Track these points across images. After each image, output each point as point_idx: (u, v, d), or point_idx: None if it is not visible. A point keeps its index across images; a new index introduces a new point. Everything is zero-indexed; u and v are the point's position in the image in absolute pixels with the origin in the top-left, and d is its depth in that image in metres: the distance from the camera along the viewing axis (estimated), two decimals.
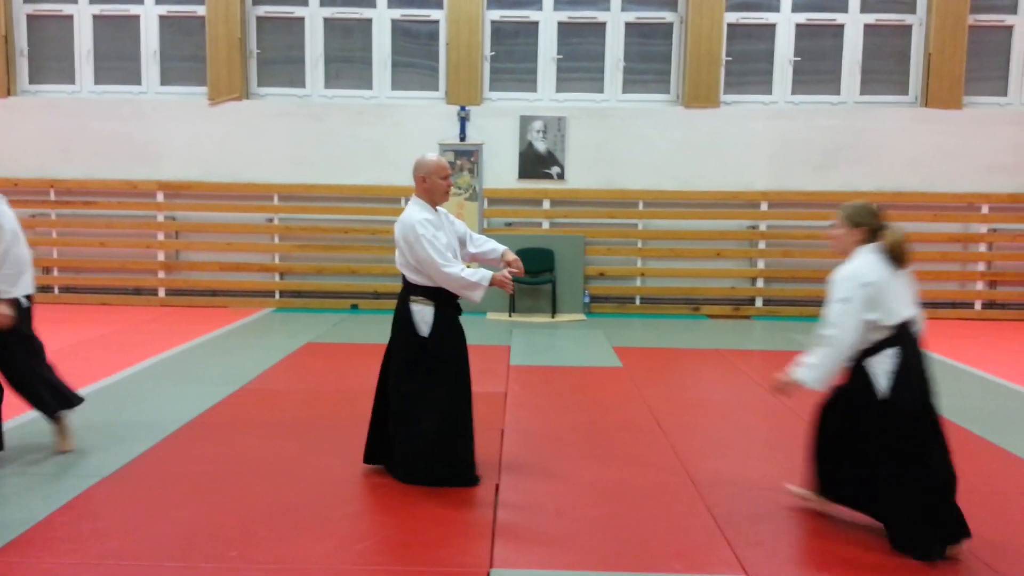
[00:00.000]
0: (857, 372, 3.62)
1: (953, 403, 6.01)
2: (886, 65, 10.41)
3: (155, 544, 3.47)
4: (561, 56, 10.41)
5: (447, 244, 4.22)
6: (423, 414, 4.17)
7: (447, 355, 4.23)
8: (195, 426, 5.19)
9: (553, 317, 9.80)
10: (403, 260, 4.23)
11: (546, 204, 10.30)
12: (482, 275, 4.15)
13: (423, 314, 4.20)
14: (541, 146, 10.25)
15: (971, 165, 10.13)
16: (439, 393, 4.19)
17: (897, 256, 3.56)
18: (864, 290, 3.49)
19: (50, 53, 10.53)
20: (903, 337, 3.57)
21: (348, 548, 3.49)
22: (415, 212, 4.20)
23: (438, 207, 4.34)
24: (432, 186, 4.25)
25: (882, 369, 3.55)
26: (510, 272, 4.29)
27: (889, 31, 10.34)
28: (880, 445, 3.53)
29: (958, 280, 10.32)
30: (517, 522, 3.78)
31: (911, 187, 10.18)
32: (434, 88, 10.47)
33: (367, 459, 4.42)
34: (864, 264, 3.56)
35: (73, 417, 5.20)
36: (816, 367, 3.61)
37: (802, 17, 10.28)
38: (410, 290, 4.24)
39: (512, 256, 4.42)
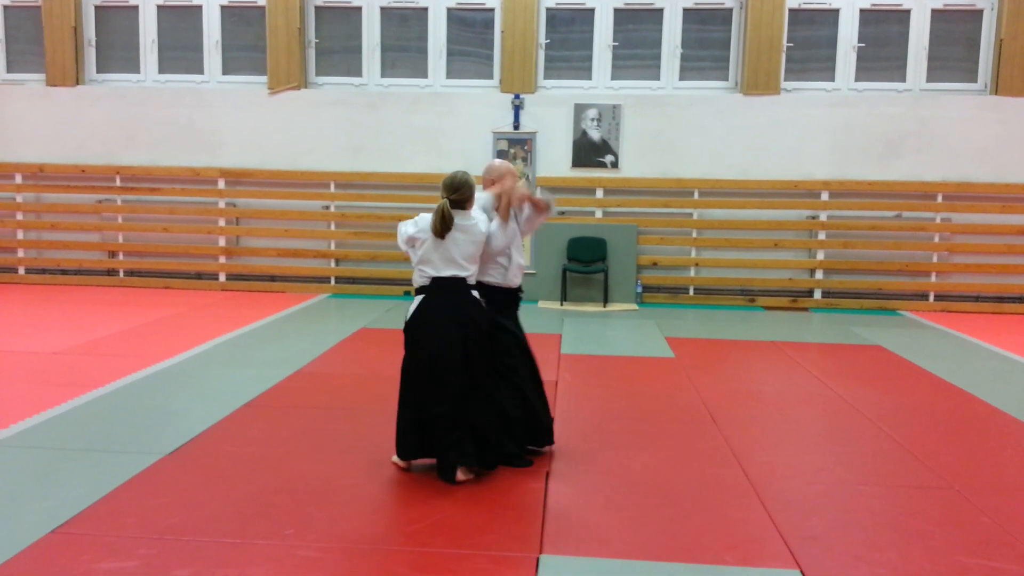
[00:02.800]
0: None
1: (1020, 400, 5.85)
2: (954, 51, 10.08)
3: (213, 521, 3.57)
4: (617, 43, 10.32)
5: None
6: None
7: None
8: (252, 407, 5.31)
9: (605, 306, 9.75)
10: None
11: (599, 193, 10.24)
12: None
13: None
14: (595, 134, 10.19)
15: None
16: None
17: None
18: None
19: (116, 43, 10.82)
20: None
21: (400, 530, 3.54)
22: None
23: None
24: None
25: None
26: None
27: (958, 16, 10.01)
28: None
29: None
30: (567, 510, 3.79)
31: (978, 178, 9.86)
32: (489, 76, 10.48)
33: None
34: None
35: (136, 398, 5.38)
36: None
37: (867, 2, 10.01)
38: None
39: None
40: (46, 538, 3.37)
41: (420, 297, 4.17)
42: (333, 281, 10.58)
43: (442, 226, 4.04)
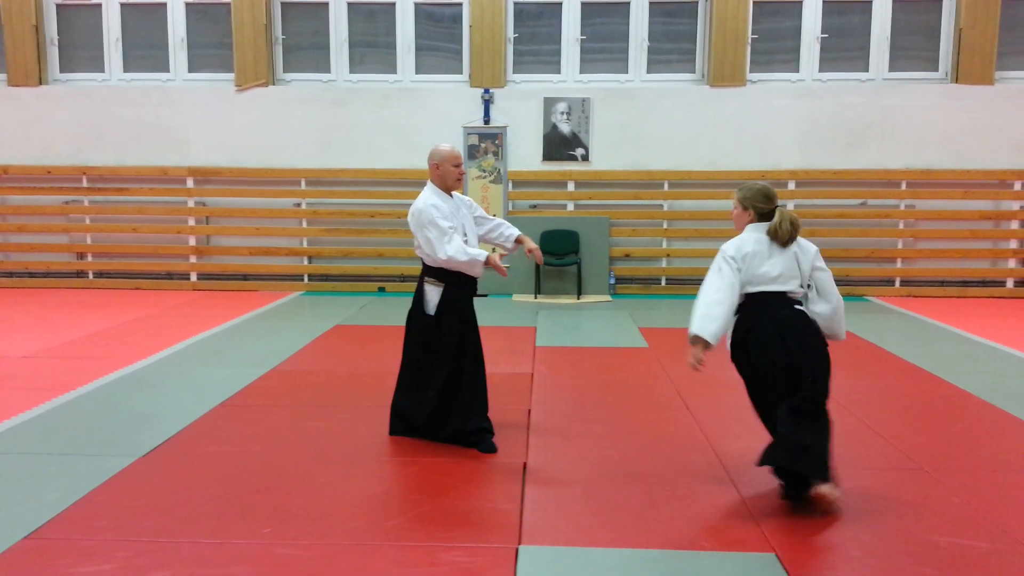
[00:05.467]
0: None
1: (986, 382, 5.98)
2: (915, 41, 10.24)
3: (190, 521, 3.56)
4: (585, 37, 10.35)
5: (456, 228, 4.45)
6: (430, 383, 4.54)
7: (450, 333, 4.51)
8: (227, 407, 5.28)
9: (579, 298, 9.81)
10: (416, 243, 4.55)
11: (571, 186, 10.28)
12: (477, 253, 4.40)
13: (432, 294, 4.54)
14: (565, 128, 10.22)
15: (1003, 141, 9.96)
16: (441, 366, 4.51)
17: (777, 234, 3.84)
18: (735, 261, 3.79)
19: (80, 42, 10.66)
20: (750, 306, 3.82)
21: (379, 525, 3.55)
22: (426, 196, 4.51)
23: (453, 193, 4.64)
24: (445, 173, 4.56)
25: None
26: (530, 255, 4.67)
27: (919, 6, 10.16)
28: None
29: (989, 258, 10.18)
30: (545, 500, 3.82)
31: (941, 165, 10.03)
32: (458, 71, 10.47)
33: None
34: (744, 239, 3.87)
35: (109, 400, 5.32)
36: (709, 322, 3.73)
37: None
38: (424, 271, 4.59)
39: (532, 244, 4.73)
40: (20, 544, 3.34)
41: None
42: (306, 279, 10.53)
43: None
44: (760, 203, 3.89)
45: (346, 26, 10.46)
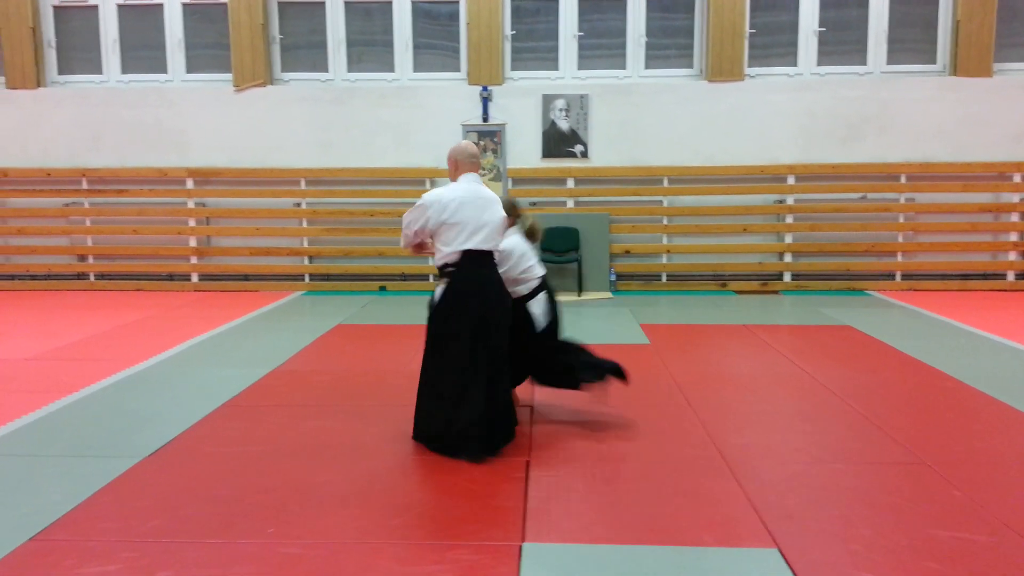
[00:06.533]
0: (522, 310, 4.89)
1: (986, 374, 5.98)
2: (913, 34, 10.23)
3: (195, 522, 3.57)
4: (582, 33, 10.35)
5: None
6: (502, 382, 4.56)
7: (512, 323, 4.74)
8: (230, 407, 5.29)
9: (579, 295, 9.81)
10: (488, 234, 4.46)
11: (570, 183, 10.28)
12: None
13: (507, 287, 4.68)
14: (564, 124, 10.22)
15: (1002, 133, 9.96)
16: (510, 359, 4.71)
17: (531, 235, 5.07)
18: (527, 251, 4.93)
19: (77, 44, 10.66)
20: (546, 287, 5.03)
21: (383, 524, 3.56)
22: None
23: None
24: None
25: (539, 307, 4.96)
26: None
27: None
28: (545, 347, 4.99)
29: (989, 251, 10.18)
30: (548, 497, 3.83)
31: (940, 157, 10.03)
32: (456, 69, 10.47)
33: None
34: (517, 240, 4.93)
35: (112, 401, 5.34)
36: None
37: None
38: (491, 262, 4.54)
39: None
40: (25, 545, 3.36)
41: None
42: (307, 279, 10.54)
43: None
44: (513, 212, 4.95)
45: (343, 25, 10.46)
